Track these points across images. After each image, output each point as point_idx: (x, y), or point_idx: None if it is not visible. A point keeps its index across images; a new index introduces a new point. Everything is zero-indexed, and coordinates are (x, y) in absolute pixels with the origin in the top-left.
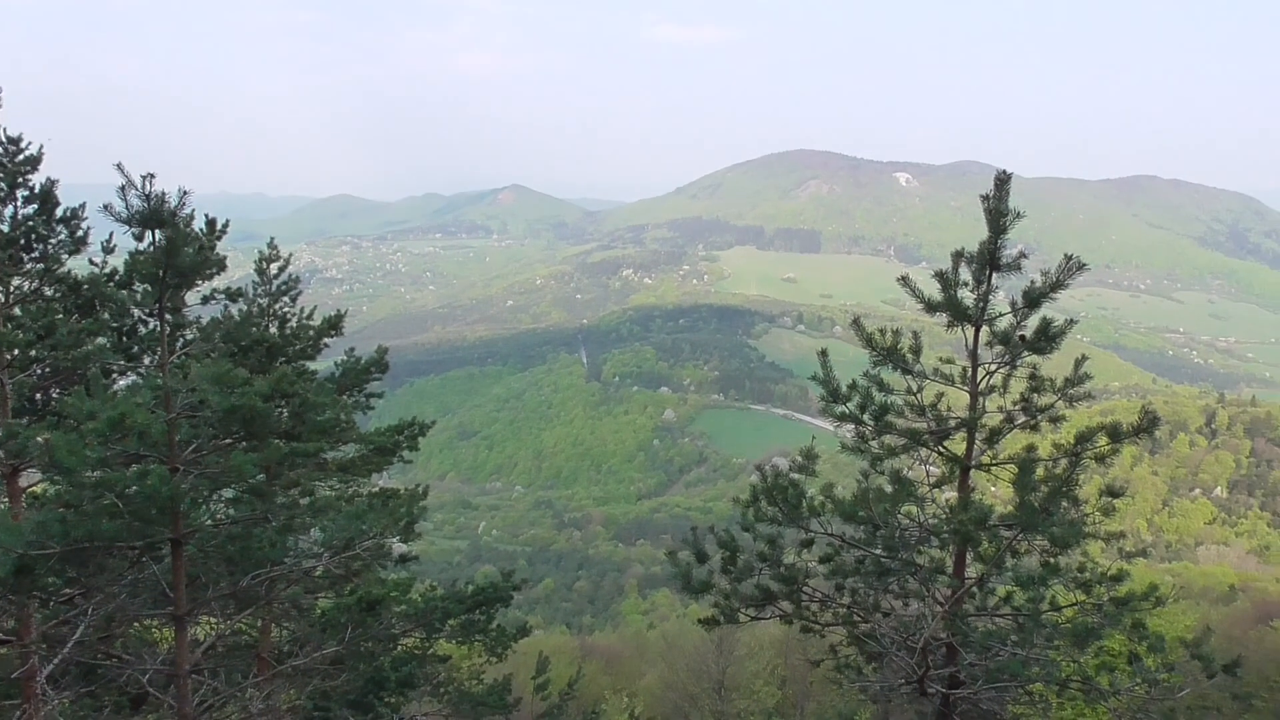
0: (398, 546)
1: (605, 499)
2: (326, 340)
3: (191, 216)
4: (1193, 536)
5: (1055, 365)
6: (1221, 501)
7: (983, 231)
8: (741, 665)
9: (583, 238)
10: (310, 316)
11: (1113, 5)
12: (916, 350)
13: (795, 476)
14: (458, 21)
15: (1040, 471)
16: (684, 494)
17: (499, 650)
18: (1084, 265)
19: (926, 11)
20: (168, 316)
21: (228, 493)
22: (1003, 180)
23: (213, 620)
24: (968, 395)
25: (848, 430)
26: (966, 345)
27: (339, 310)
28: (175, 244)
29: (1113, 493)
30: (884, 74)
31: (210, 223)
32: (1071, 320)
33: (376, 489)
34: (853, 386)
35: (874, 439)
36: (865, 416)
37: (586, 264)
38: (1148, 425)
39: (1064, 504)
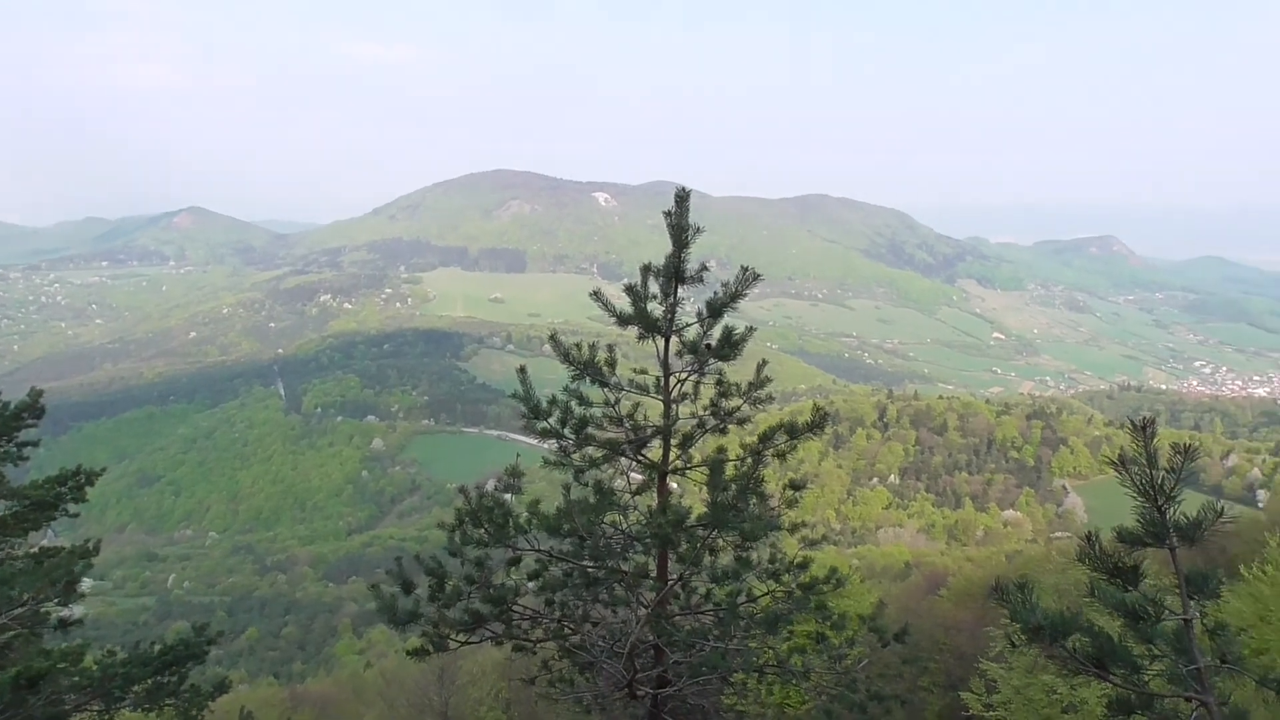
0: (63, 610)
1: (312, 537)
2: None
3: None
4: (873, 521)
5: (745, 371)
6: (895, 487)
7: None
8: (464, 693)
9: (273, 262)
10: None
11: (780, 35)
12: (612, 363)
13: (502, 496)
14: (117, 30)
15: (730, 471)
16: (397, 525)
17: (193, 713)
18: (759, 276)
19: (614, 37)
20: None
21: None
22: (682, 197)
23: None
24: (661, 404)
25: (551, 445)
26: (658, 356)
27: None
28: None
29: (795, 486)
30: (579, 96)
31: None
32: (751, 327)
33: (35, 549)
34: (553, 402)
35: (576, 452)
36: (566, 430)
37: (279, 290)
38: (819, 422)
39: (752, 500)
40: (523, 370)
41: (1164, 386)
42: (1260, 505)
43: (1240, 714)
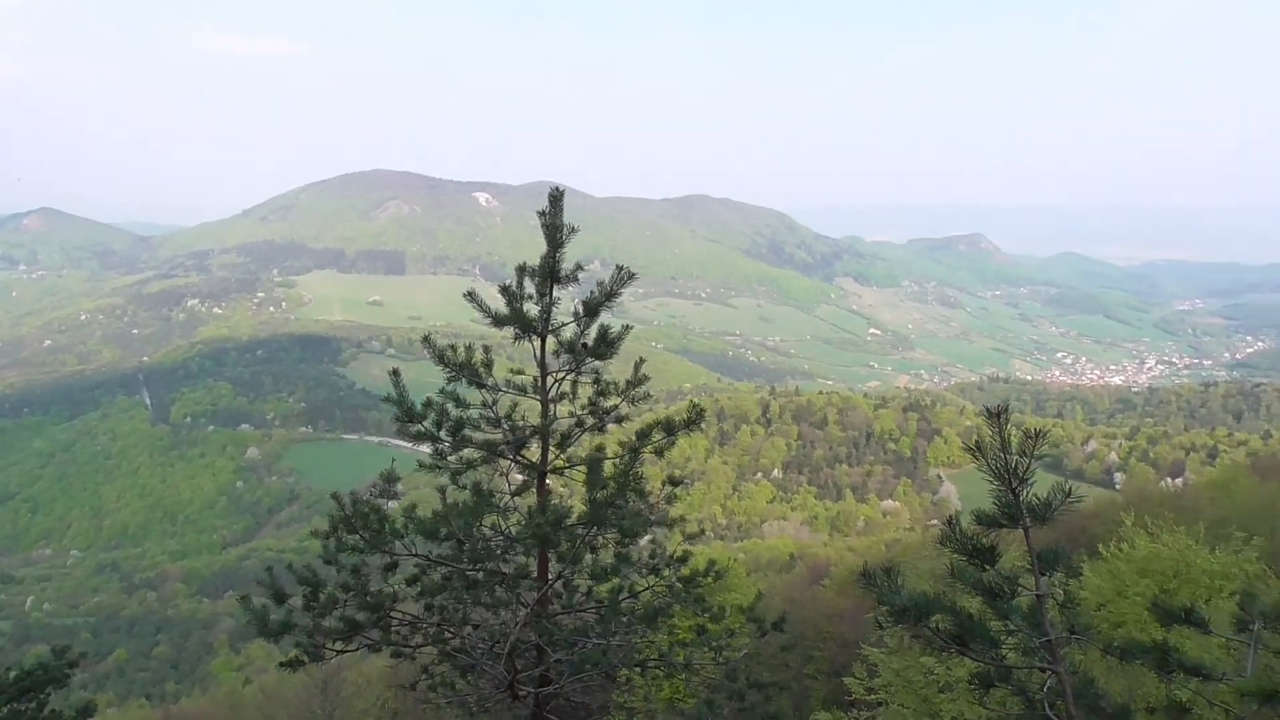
0: None
1: (184, 552)
2: None
3: None
4: (758, 515)
5: (627, 370)
6: (779, 481)
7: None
8: (349, 705)
9: (136, 266)
10: None
11: (663, 40)
12: (489, 364)
13: (377, 501)
14: None
15: (610, 469)
16: (276, 536)
17: None
18: (634, 275)
19: (494, 37)
20: None
21: None
22: (556, 197)
23: None
24: (539, 404)
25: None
26: (535, 356)
27: None
28: None
29: (674, 482)
30: (460, 97)
31: None
32: (628, 326)
33: None
34: (428, 404)
35: (452, 454)
36: (442, 433)
37: (142, 295)
38: (696, 418)
39: (631, 497)
40: (395, 373)
41: (1029, 377)
42: (1117, 487)
43: (1088, 681)
